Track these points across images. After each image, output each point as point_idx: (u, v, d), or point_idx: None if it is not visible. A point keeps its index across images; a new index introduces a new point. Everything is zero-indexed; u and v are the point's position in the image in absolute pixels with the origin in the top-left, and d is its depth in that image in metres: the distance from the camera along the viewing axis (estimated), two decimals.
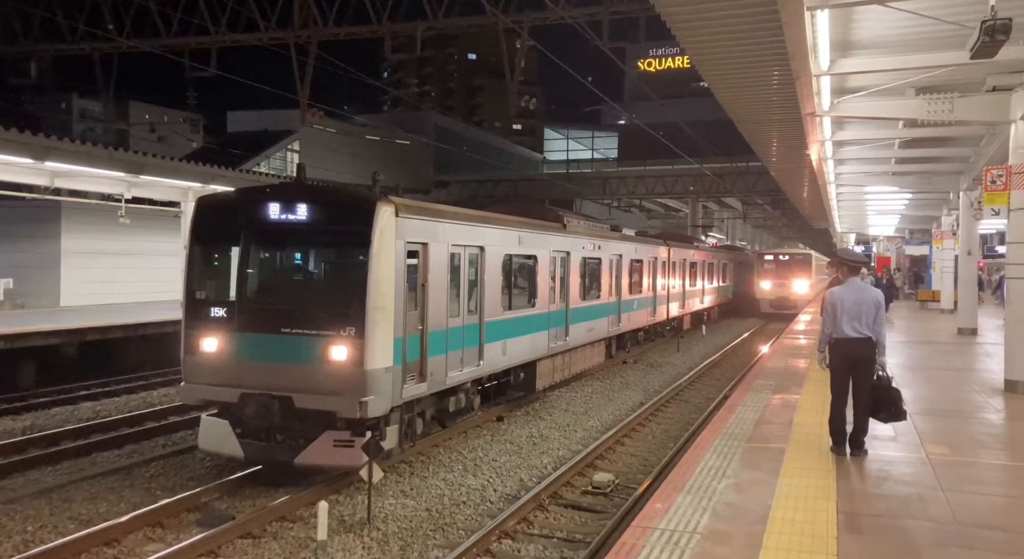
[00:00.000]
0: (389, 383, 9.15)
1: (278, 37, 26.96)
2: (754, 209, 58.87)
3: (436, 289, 10.39)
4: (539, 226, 14.70)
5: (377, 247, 8.97)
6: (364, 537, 7.94)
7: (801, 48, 9.50)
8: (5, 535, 7.85)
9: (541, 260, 14.40)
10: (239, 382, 9.20)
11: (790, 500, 6.32)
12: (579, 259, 16.55)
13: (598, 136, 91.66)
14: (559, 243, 15.40)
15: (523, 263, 13.91)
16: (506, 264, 12.92)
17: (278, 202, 9.40)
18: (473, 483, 9.94)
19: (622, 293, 19.96)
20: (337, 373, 8.88)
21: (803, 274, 38.36)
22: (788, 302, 37.33)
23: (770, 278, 38.39)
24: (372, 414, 8.86)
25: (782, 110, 13.76)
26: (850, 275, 7.86)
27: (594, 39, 19.10)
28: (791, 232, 67.47)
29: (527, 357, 14.00)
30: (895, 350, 16.44)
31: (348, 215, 9.42)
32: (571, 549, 7.88)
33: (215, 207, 9.94)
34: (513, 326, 13.15)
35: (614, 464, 11.27)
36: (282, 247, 9.97)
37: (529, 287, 14.18)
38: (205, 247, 9.90)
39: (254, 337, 9.25)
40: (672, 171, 49.42)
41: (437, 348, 10.49)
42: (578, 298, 16.52)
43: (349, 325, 8.86)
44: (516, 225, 13.54)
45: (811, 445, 8.18)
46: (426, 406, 10.80)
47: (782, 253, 40.13)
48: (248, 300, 9.50)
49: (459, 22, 26.87)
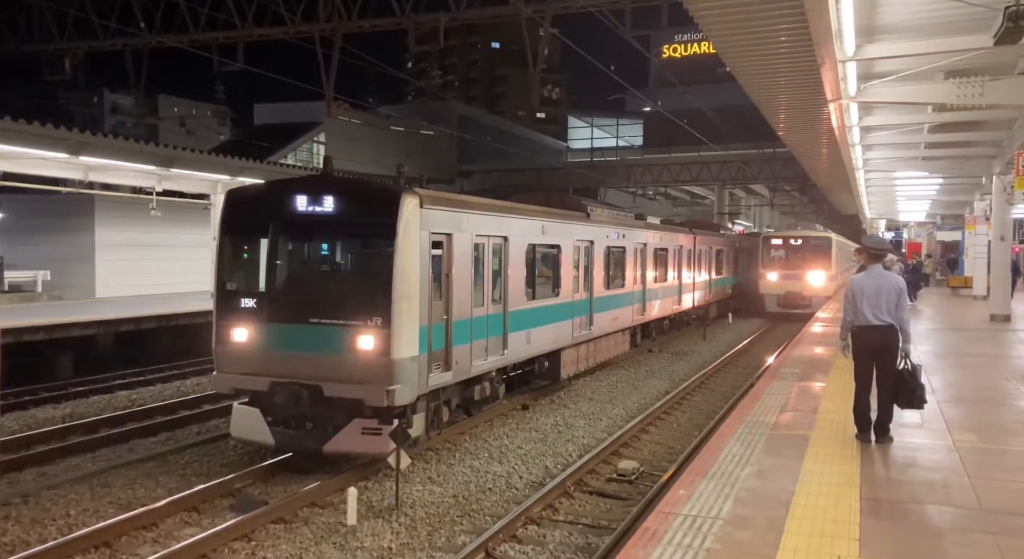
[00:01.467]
0: (415, 372, 9.30)
1: (304, 30, 27.20)
2: (781, 196, 58.16)
3: (460, 279, 10.50)
4: (562, 216, 14.73)
5: (402, 238, 9.10)
6: (392, 522, 8.12)
7: (826, 34, 9.41)
8: (49, 519, 8.16)
9: (565, 249, 14.46)
10: (269, 371, 9.41)
11: (813, 486, 6.35)
12: (603, 248, 16.57)
13: (622, 124, 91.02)
14: (582, 232, 15.44)
15: (547, 253, 14.00)
16: (530, 254, 13.01)
17: (305, 194, 9.56)
18: (499, 470, 10.08)
19: (647, 282, 19.94)
20: (364, 362, 9.05)
21: (821, 263, 30.53)
22: (801, 299, 30.07)
23: (778, 268, 30.80)
24: (399, 402, 9.02)
25: (807, 96, 13.64)
26: (871, 262, 7.83)
27: (617, 27, 19.01)
28: (819, 218, 66.55)
29: (551, 346, 14.08)
30: (926, 337, 16.27)
31: (374, 207, 9.56)
32: (596, 535, 7.99)
33: (244, 200, 10.16)
34: (537, 315, 13.23)
35: (639, 452, 11.34)
36: (309, 239, 10.15)
37: (553, 276, 14.25)
38: (234, 239, 10.15)
39: (283, 327, 9.44)
40: (698, 158, 48.95)
41: (462, 337, 10.59)
42: (602, 287, 16.54)
43: (375, 315, 9.01)
44: (539, 215, 13.61)
45: (835, 432, 8.18)
46: (452, 394, 10.94)
47: (794, 236, 32.31)
48: (277, 291, 9.69)
49: (482, 12, 26.87)
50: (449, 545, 7.63)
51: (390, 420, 9.06)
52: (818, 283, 30.26)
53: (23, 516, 8.21)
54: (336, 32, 26.70)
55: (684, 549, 5.06)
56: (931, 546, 5.16)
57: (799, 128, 18.92)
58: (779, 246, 31.59)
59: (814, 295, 29.98)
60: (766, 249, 31.65)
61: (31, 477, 9.67)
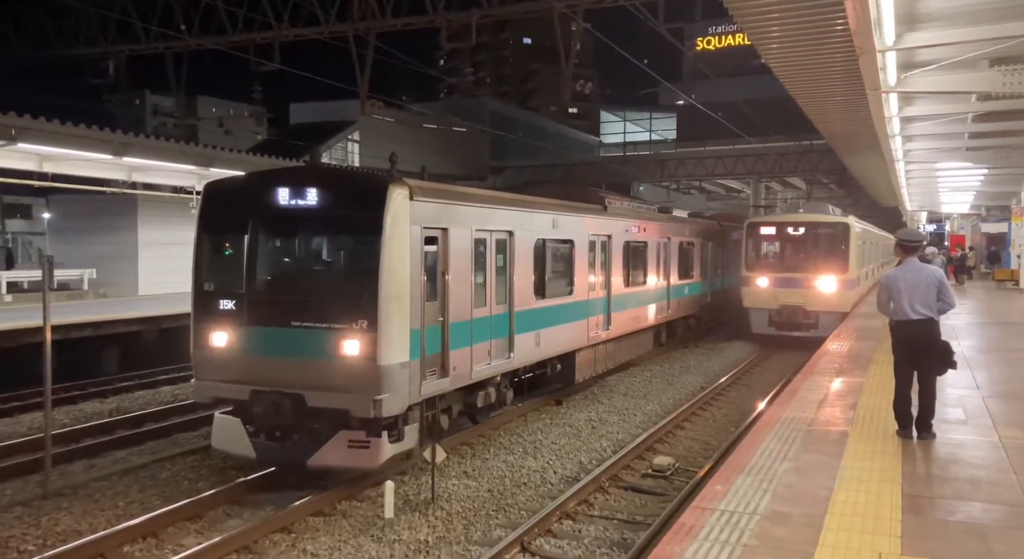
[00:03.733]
0: (406, 379, 8.64)
1: (338, 30, 27.54)
2: (818, 188, 57.18)
3: (458, 277, 9.86)
4: (576, 208, 13.92)
5: (389, 233, 8.45)
6: (429, 516, 8.22)
7: (865, 23, 9.24)
8: (99, 509, 8.43)
9: (579, 245, 13.64)
10: (249, 379, 8.75)
11: (852, 482, 6.27)
12: (622, 243, 15.72)
13: (656, 117, 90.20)
14: (599, 226, 14.64)
15: (558, 248, 13.12)
16: (539, 249, 12.21)
17: (286, 187, 8.90)
18: (533, 465, 10.13)
19: (671, 278, 19.04)
20: (349, 369, 8.40)
21: (834, 262, 20.54)
22: (803, 317, 20.42)
23: (769, 270, 21.03)
24: (387, 413, 8.37)
25: (845, 88, 13.38)
26: (907, 255, 7.68)
27: (650, 21, 18.87)
28: (857, 210, 65.36)
29: (564, 348, 13.30)
30: (970, 331, 15.88)
31: (358, 199, 8.89)
32: (631, 530, 7.99)
33: (222, 193, 9.45)
34: (547, 315, 12.49)
35: (674, 448, 11.29)
36: (292, 235, 9.43)
37: (565, 274, 13.43)
38: (213, 236, 9.44)
39: (263, 331, 8.80)
40: (733, 151, 48.34)
41: (461, 340, 9.91)
42: (621, 284, 15.71)
43: (361, 317, 8.37)
44: (549, 208, 12.80)
45: (875, 428, 8.06)
46: (452, 402, 10.35)
47: (793, 222, 21.37)
48: (257, 292, 9.05)
49: (514, 9, 26.90)
50: (485, 539, 7.70)
51: (379, 432, 8.44)
52: (829, 292, 20.20)
53: (74, 507, 8.49)
54: (370, 31, 26.99)
55: (721, 544, 5.04)
56: (976, 544, 5.07)
57: (836, 120, 18.57)
58: (771, 237, 21.34)
59: (823, 310, 20.13)
60: (752, 241, 21.48)
61: (81, 469, 9.98)
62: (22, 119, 14.70)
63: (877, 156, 23.19)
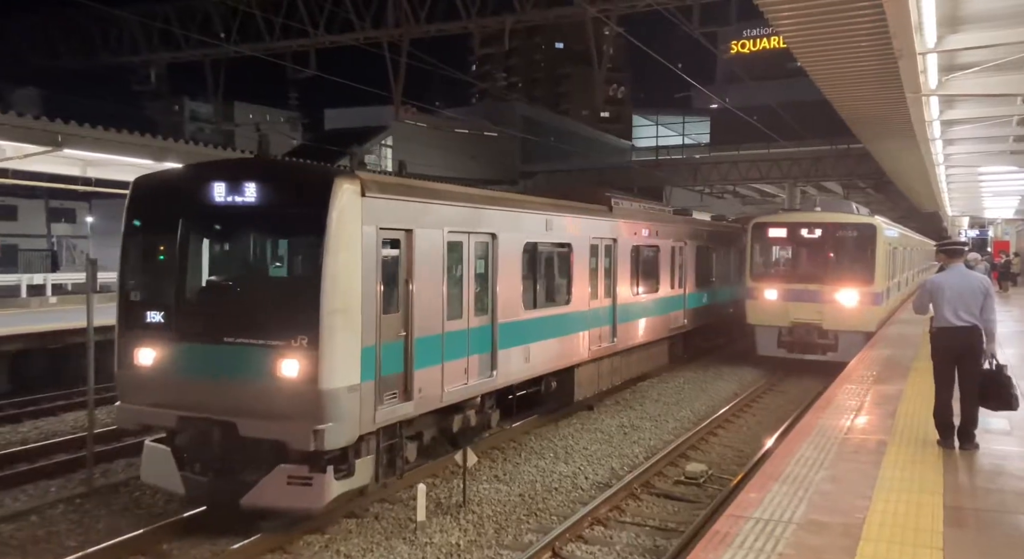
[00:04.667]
0: (355, 405, 7.50)
1: (372, 36, 27.87)
2: (856, 193, 56.23)
3: (427, 285, 8.69)
4: (574, 209, 12.66)
5: (335, 234, 7.35)
6: (460, 519, 8.25)
7: (904, 25, 9.07)
8: (139, 507, 8.59)
9: (578, 249, 12.42)
10: (177, 403, 7.69)
11: (892, 492, 6.15)
12: (629, 247, 14.41)
13: (689, 121, 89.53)
14: (603, 229, 13.39)
15: (553, 252, 11.99)
16: (529, 254, 11.05)
17: (222, 182, 7.78)
18: (564, 470, 10.11)
19: (688, 285, 17.82)
20: (287, 393, 7.30)
21: (857, 271, 17.49)
22: (819, 337, 17.55)
23: (779, 280, 18.17)
24: (331, 445, 7.29)
25: (884, 91, 13.14)
26: (951, 260, 7.53)
27: (684, 25, 18.76)
28: (895, 215, 64.09)
29: (560, 363, 12.05)
30: (1013, 339, 15.47)
31: (298, 195, 7.79)
32: (664, 537, 7.93)
33: (152, 189, 8.33)
34: (539, 327, 11.28)
35: (707, 455, 11.18)
36: (228, 236, 8.40)
37: (561, 281, 12.26)
38: (140, 238, 8.36)
39: (193, 348, 7.71)
40: (767, 155, 47.76)
41: (429, 357, 8.75)
42: (629, 292, 14.48)
43: (301, 333, 7.26)
44: (541, 208, 11.55)
45: (915, 438, 7.89)
46: (422, 427, 9.23)
47: (807, 222, 18.23)
48: (187, 303, 8.01)
49: (547, 13, 26.94)
50: (516, 543, 7.70)
51: (323, 467, 7.35)
52: (851, 307, 17.16)
53: (113, 504, 8.70)
54: (404, 37, 27.23)
55: (755, 553, 4.98)
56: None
57: (874, 124, 18.24)
58: (781, 240, 18.46)
59: (844, 330, 17.17)
60: (759, 245, 18.55)
61: (121, 467, 10.20)
62: (68, 125, 15.10)
63: (916, 160, 22.74)
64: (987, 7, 9.97)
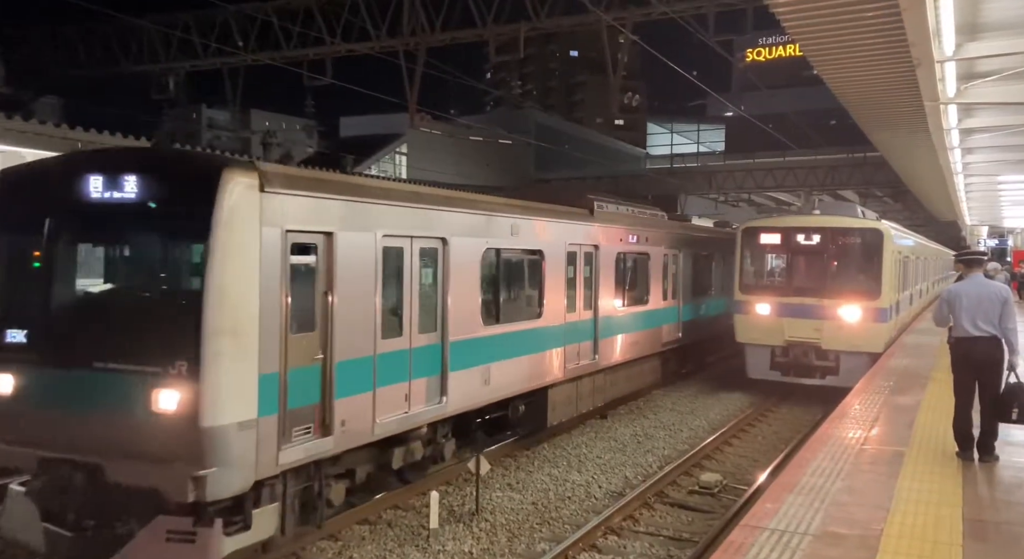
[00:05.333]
0: (250, 444, 6.21)
1: (388, 45, 28.10)
2: (873, 202, 55.85)
3: (353, 299, 7.36)
4: (547, 212, 11.30)
5: (223, 237, 6.09)
6: (473, 527, 8.23)
7: (923, 33, 9.02)
8: None
9: (551, 256, 11.10)
10: (38, 440, 6.40)
11: (910, 504, 6.08)
12: (614, 255, 13.10)
13: (704, 129, 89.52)
14: (582, 234, 12.08)
15: (522, 260, 10.73)
16: (489, 262, 9.79)
17: (95, 174, 6.55)
18: (577, 479, 10.07)
19: (684, 296, 16.54)
20: (163, 431, 6.04)
21: (862, 282, 15.58)
22: (819, 358, 15.43)
23: (770, 293, 16.19)
24: (215, 495, 6.02)
25: (902, 99, 13.07)
26: (969, 270, 7.45)
27: (700, 33, 18.75)
28: (913, 224, 63.62)
29: (528, 384, 10.65)
30: None
31: (181, 190, 6.48)
32: (678, 547, 7.88)
33: (17, 183, 7.07)
34: (502, 345, 9.95)
35: (722, 464, 11.11)
36: (100, 239, 7.18)
37: (531, 292, 10.98)
38: (1, 241, 7.04)
39: (58, 374, 6.42)
40: (783, 163, 47.58)
41: (357, 384, 7.44)
42: (614, 304, 13.13)
43: (180, 358, 6.03)
44: (505, 210, 10.17)
45: (934, 449, 7.80)
46: (353, 464, 7.91)
47: (803, 228, 16.20)
48: (53, 320, 6.74)
49: (562, 21, 27.04)
50: (529, 552, 7.68)
51: (210, 520, 6.09)
52: (854, 324, 15.04)
53: None
54: (419, 45, 27.43)
55: None
56: None
57: (892, 132, 18.12)
58: (775, 247, 16.40)
59: (846, 349, 15.09)
60: (749, 252, 16.51)
61: None
62: (87, 133, 15.39)
63: (934, 169, 22.57)
64: (1006, 15, 9.91)
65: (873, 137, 19.62)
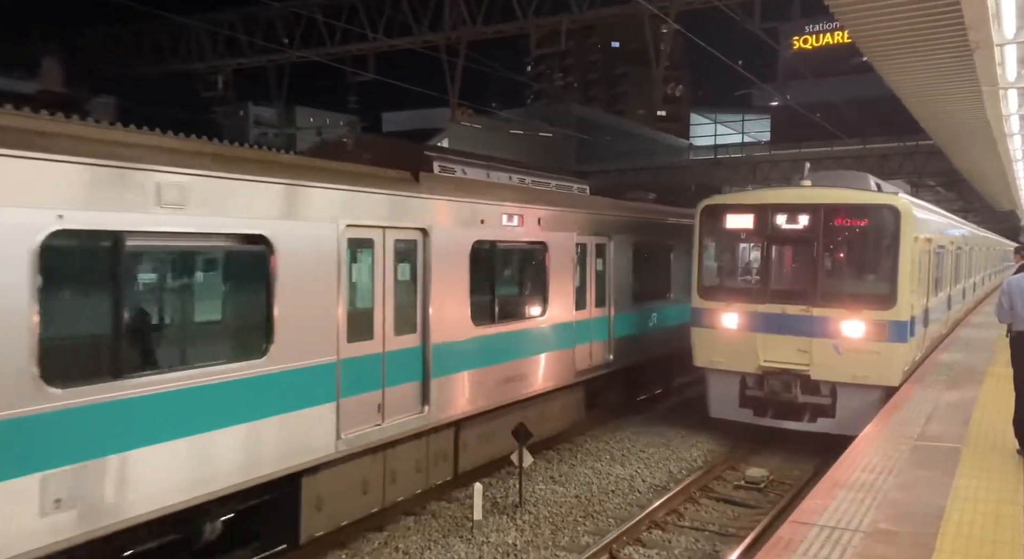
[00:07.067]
0: None
1: (430, 39, 28.24)
2: (925, 192, 54.17)
3: None
4: (282, 169, 6.86)
5: None
6: (516, 519, 8.26)
7: (981, 16, 8.70)
8: None
9: (298, 248, 6.65)
10: None
11: (967, 502, 5.90)
12: (467, 245, 8.74)
13: (748, 119, 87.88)
14: (383, 213, 7.60)
15: (213, 257, 6.59)
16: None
17: None
18: (621, 473, 10.02)
19: (617, 302, 11.92)
20: None
21: (869, 282, 10.99)
22: (806, 391, 10.66)
23: (739, 298, 11.27)
24: None
25: (958, 85, 12.65)
26: None
27: (745, 21, 18.40)
28: (968, 215, 61.66)
29: (272, 467, 6.36)
30: None
31: None
32: (723, 542, 7.79)
33: None
34: (156, 412, 5.50)
35: (769, 459, 10.93)
36: None
37: (238, 312, 6.75)
38: None
39: None
40: (831, 153, 46.43)
41: None
42: (465, 320, 8.70)
43: None
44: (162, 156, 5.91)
45: (992, 446, 7.55)
46: None
47: (786, 205, 11.09)
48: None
49: (603, 12, 26.82)
50: (572, 545, 7.67)
51: None
52: (857, 342, 10.40)
53: None
54: (461, 39, 27.51)
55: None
56: None
57: (947, 120, 17.55)
58: (747, 233, 11.69)
59: (846, 381, 10.48)
60: (712, 241, 11.91)
61: None
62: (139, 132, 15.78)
63: (992, 157, 21.81)
64: None
65: (926, 125, 19.04)
